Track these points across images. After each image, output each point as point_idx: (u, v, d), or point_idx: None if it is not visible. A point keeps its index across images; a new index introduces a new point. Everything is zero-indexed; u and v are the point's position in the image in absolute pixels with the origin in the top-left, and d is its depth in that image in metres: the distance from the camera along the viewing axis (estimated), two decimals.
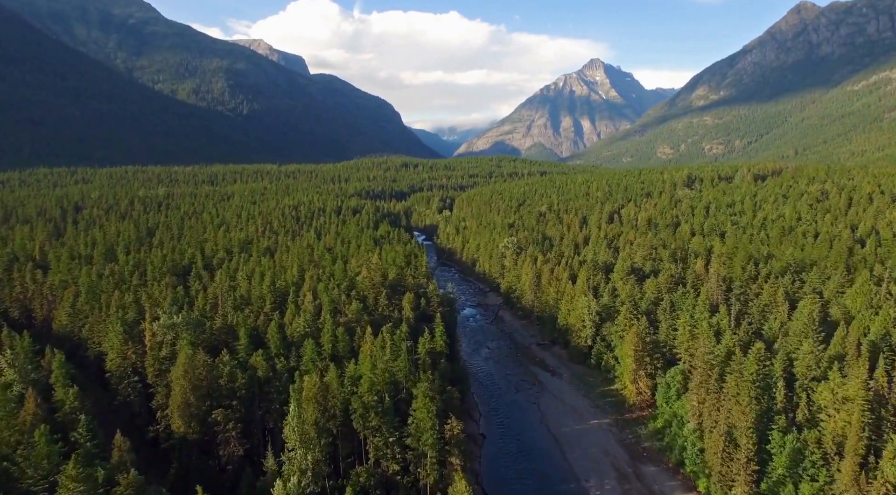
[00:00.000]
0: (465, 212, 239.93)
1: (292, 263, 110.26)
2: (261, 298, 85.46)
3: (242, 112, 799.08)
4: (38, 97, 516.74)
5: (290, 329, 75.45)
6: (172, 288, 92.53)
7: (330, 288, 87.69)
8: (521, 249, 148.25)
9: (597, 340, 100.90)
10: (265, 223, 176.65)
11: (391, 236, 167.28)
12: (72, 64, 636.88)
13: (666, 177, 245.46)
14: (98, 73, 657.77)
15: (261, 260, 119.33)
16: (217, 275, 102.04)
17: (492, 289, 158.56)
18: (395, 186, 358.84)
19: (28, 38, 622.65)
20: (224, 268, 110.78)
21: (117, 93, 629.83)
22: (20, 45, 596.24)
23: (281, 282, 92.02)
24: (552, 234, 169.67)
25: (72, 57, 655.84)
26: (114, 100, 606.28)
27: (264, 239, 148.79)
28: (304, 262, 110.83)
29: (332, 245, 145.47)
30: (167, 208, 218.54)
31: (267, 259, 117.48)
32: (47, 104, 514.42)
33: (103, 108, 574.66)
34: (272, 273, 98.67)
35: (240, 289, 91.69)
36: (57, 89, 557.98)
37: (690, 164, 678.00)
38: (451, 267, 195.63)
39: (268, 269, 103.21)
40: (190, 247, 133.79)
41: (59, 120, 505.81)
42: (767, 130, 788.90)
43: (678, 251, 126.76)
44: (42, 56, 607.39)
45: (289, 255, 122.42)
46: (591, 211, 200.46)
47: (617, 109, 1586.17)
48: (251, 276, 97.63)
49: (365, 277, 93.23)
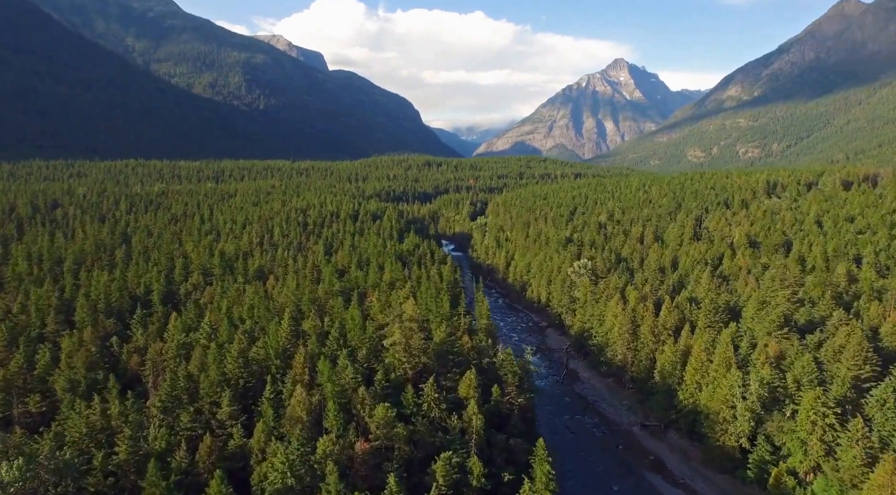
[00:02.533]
0: (503, 219, 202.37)
1: (286, 303, 74.07)
2: (214, 390, 48.86)
3: (259, 107, 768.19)
4: (45, 88, 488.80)
5: (257, 476, 39.10)
6: (87, 358, 56.56)
7: (339, 369, 51.01)
8: (597, 276, 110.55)
9: (757, 440, 63.28)
10: (265, 230, 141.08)
11: (421, 251, 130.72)
12: (86, 55, 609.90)
13: (741, 183, 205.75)
14: (112, 64, 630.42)
15: (244, 290, 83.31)
16: (172, 322, 66.21)
17: (552, 325, 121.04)
18: (418, 187, 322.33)
19: (43, 29, 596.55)
20: (188, 305, 74.93)
21: (130, 85, 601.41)
22: (34, 35, 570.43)
23: (258, 353, 55.63)
24: (626, 254, 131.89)
25: (87, 48, 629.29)
26: (126, 92, 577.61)
27: (258, 254, 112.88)
28: (302, 301, 74.49)
29: (347, 264, 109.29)
30: (156, 209, 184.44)
31: (252, 291, 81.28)
32: (55, 95, 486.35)
33: (114, 100, 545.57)
34: (250, 326, 62.76)
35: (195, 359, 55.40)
36: (68, 80, 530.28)
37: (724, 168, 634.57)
38: (492, 288, 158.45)
39: (248, 316, 67.31)
40: (156, 266, 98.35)
41: (67, 111, 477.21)
42: (808, 133, 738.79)
43: (837, 289, 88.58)
44: (56, 47, 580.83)
45: (283, 286, 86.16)
46: (662, 222, 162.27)
47: (641, 110, 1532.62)
48: (213, 336, 61.20)
49: (397, 344, 56.46)
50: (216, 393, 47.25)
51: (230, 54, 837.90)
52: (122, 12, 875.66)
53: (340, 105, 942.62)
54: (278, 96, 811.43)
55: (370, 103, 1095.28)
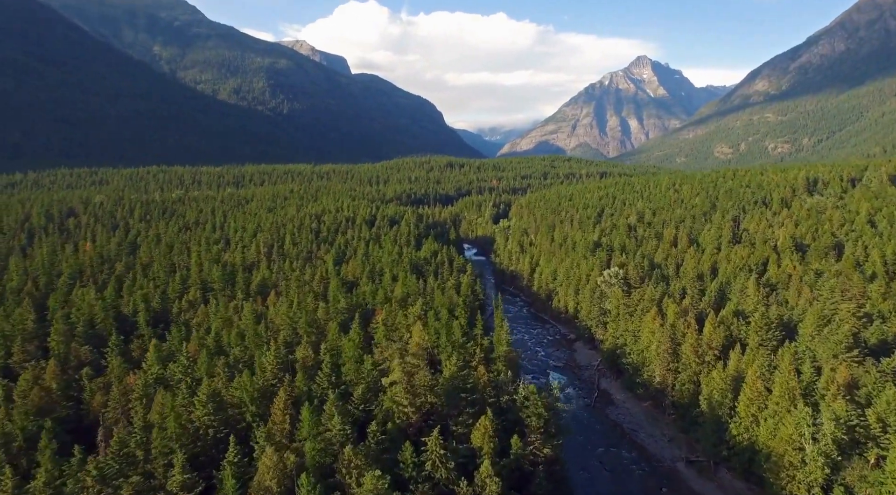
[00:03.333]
0: (526, 221, 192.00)
1: (281, 326, 65.57)
2: (169, 446, 40.05)
3: (282, 111, 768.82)
4: (74, 97, 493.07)
5: None
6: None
7: (325, 417, 41.92)
8: (630, 286, 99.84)
9: (833, 491, 52.45)
10: (275, 238, 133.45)
11: (439, 259, 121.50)
12: (114, 64, 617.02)
13: (778, 180, 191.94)
14: (139, 73, 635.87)
15: (241, 308, 75.20)
16: (150, 351, 58.08)
17: (581, 338, 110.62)
18: (440, 189, 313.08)
19: (72, 40, 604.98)
20: (174, 329, 66.86)
21: (156, 93, 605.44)
22: (63, 46, 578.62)
23: (234, 395, 46.92)
24: (659, 260, 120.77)
25: (114, 58, 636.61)
26: (152, 99, 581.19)
27: (263, 266, 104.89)
28: (299, 323, 65.77)
29: (358, 276, 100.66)
30: (170, 216, 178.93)
31: (249, 310, 72.98)
32: (83, 104, 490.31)
33: (140, 108, 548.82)
34: (238, 354, 54.35)
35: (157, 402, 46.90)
36: (95, 89, 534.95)
37: (753, 165, 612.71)
38: (516, 296, 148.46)
39: (236, 343, 58.97)
40: (153, 281, 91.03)
41: (94, 120, 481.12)
42: (840, 127, 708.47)
43: None
44: (84, 57, 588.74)
45: (285, 302, 77.73)
46: (696, 224, 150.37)
47: (666, 107, 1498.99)
48: (190, 370, 52.59)
49: (401, 383, 47.13)
50: (172, 451, 38.62)
51: (254, 60, 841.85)
52: (149, 22, 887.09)
53: (363, 108, 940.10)
54: (301, 100, 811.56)
55: (392, 106, 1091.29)
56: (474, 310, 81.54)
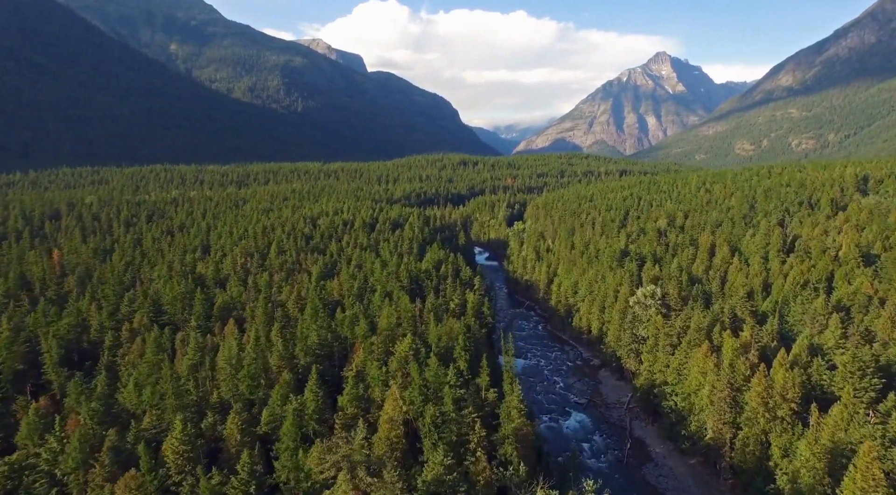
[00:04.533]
0: (543, 224, 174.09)
1: (222, 377, 49.12)
2: None
3: (297, 110, 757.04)
4: (85, 96, 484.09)
5: None
6: None
7: None
8: (669, 308, 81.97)
9: None
10: (260, 246, 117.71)
11: (442, 272, 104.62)
12: (127, 63, 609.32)
13: (822, 178, 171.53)
14: (153, 71, 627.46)
15: (188, 341, 59.11)
16: (28, 416, 42.09)
17: (606, 365, 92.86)
18: (452, 188, 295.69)
19: (87, 40, 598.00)
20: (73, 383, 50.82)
21: (169, 91, 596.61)
22: (79, 46, 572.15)
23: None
24: (698, 272, 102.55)
25: (128, 57, 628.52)
26: (165, 98, 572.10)
27: (234, 282, 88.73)
28: (241, 376, 49.25)
29: (344, 294, 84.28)
30: (158, 218, 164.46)
31: (194, 349, 56.74)
32: (93, 102, 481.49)
33: (153, 106, 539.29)
34: (150, 424, 38.14)
35: None
36: (107, 88, 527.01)
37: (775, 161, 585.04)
38: (532, 309, 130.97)
39: (151, 403, 42.64)
40: (103, 300, 75.61)
41: (104, 118, 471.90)
42: (869, 122, 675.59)
43: None
44: (99, 56, 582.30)
45: (234, 340, 61.35)
46: (735, 228, 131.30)
47: (685, 104, 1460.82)
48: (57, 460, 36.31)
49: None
50: None
51: (269, 58, 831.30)
52: (166, 21, 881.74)
53: (378, 106, 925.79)
54: (316, 98, 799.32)
55: (408, 103, 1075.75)
56: (480, 345, 64.57)
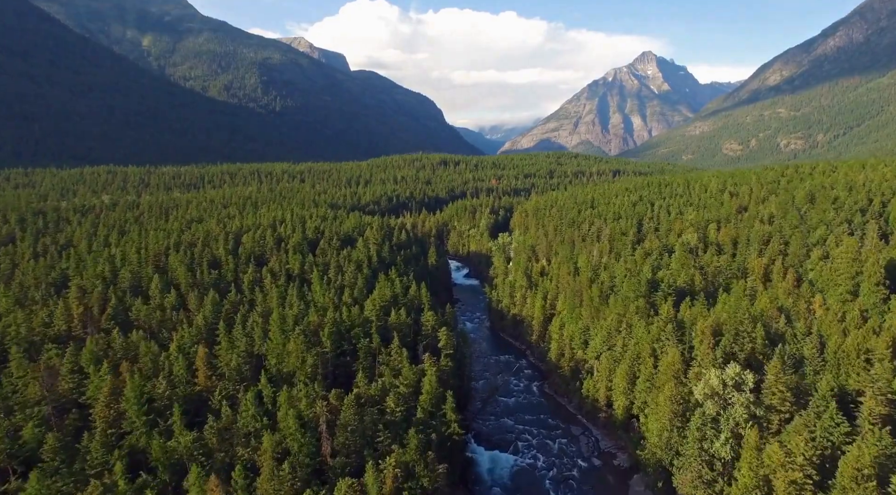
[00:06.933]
0: (533, 235, 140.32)
1: None
2: None
3: (275, 108, 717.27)
4: (36, 91, 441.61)
5: None
6: None
7: None
8: (761, 402, 48.63)
9: None
10: (147, 278, 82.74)
11: (394, 321, 70.56)
12: (91, 58, 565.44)
13: (876, 177, 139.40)
14: (120, 68, 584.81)
15: None
16: None
17: (641, 468, 59.33)
18: (429, 191, 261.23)
19: (44, 32, 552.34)
20: None
21: (136, 88, 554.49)
22: (34, 37, 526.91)
23: None
24: (767, 311, 69.42)
25: (92, 51, 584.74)
26: (130, 95, 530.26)
27: (73, 343, 53.73)
28: None
29: (217, 378, 49.78)
30: (55, 232, 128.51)
31: None
32: (45, 98, 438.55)
33: (116, 104, 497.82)
34: None
35: None
36: (64, 83, 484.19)
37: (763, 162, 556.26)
38: (522, 351, 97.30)
39: None
40: None
41: (58, 116, 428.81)
42: (858, 122, 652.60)
43: None
44: (56, 50, 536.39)
45: None
46: (792, 246, 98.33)
47: (670, 104, 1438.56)
48: None
49: None
50: None
51: (246, 55, 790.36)
52: (139, 17, 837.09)
53: (360, 105, 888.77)
54: (295, 97, 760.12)
55: (392, 103, 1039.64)
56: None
